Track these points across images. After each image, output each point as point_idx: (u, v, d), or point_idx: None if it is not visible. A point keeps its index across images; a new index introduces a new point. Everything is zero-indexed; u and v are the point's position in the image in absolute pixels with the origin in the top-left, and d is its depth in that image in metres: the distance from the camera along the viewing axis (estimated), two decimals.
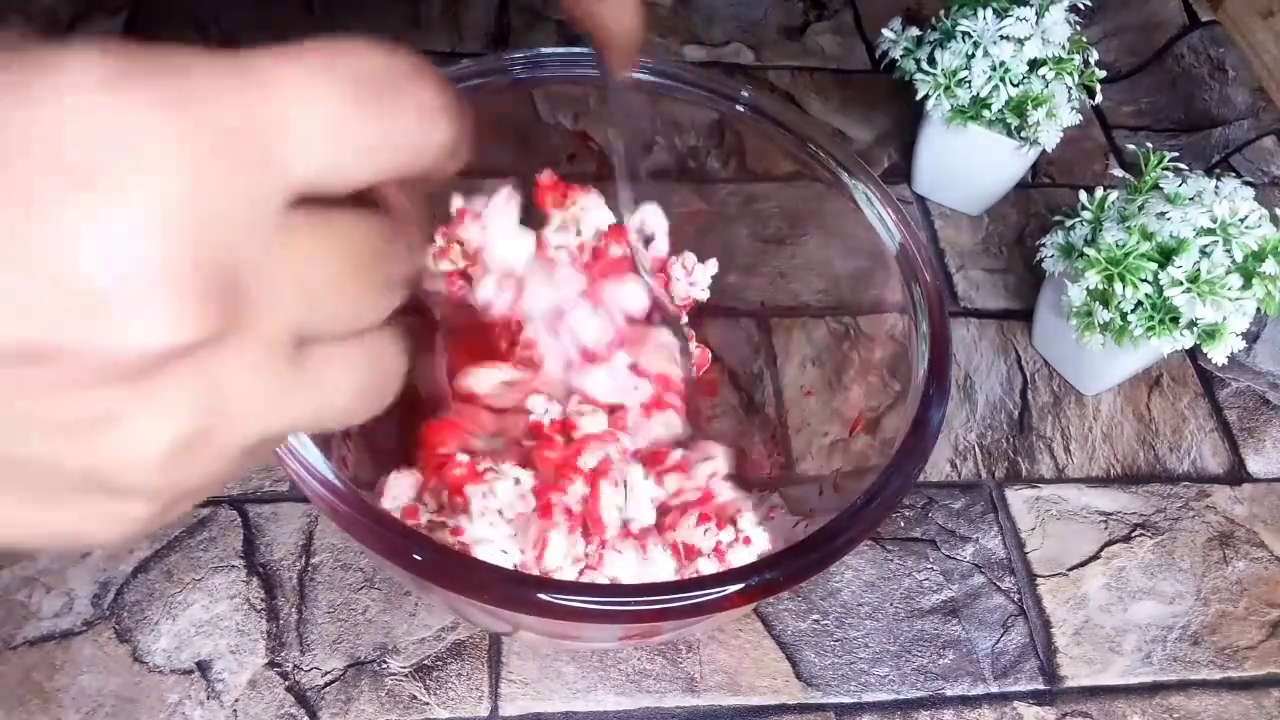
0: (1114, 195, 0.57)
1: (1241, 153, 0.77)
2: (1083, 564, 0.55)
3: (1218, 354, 0.53)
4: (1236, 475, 0.60)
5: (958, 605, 0.52)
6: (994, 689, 0.49)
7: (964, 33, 0.62)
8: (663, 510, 0.45)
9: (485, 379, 0.47)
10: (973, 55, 0.61)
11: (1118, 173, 0.61)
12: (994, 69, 0.61)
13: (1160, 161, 0.56)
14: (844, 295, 0.52)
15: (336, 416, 0.17)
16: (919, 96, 0.63)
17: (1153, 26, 0.84)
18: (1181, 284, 0.51)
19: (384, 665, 0.47)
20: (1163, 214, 0.53)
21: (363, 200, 0.16)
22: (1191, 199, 0.54)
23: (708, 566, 0.43)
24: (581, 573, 0.41)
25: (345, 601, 0.48)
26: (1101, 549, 0.55)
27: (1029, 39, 0.61)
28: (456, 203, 0.48)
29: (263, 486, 0.52)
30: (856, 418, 0.47)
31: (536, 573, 0.40)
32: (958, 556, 0.54)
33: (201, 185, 0.13)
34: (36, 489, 0.15)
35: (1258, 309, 0.53)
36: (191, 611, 0.47)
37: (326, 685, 0.46)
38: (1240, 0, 0.83)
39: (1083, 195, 0.58)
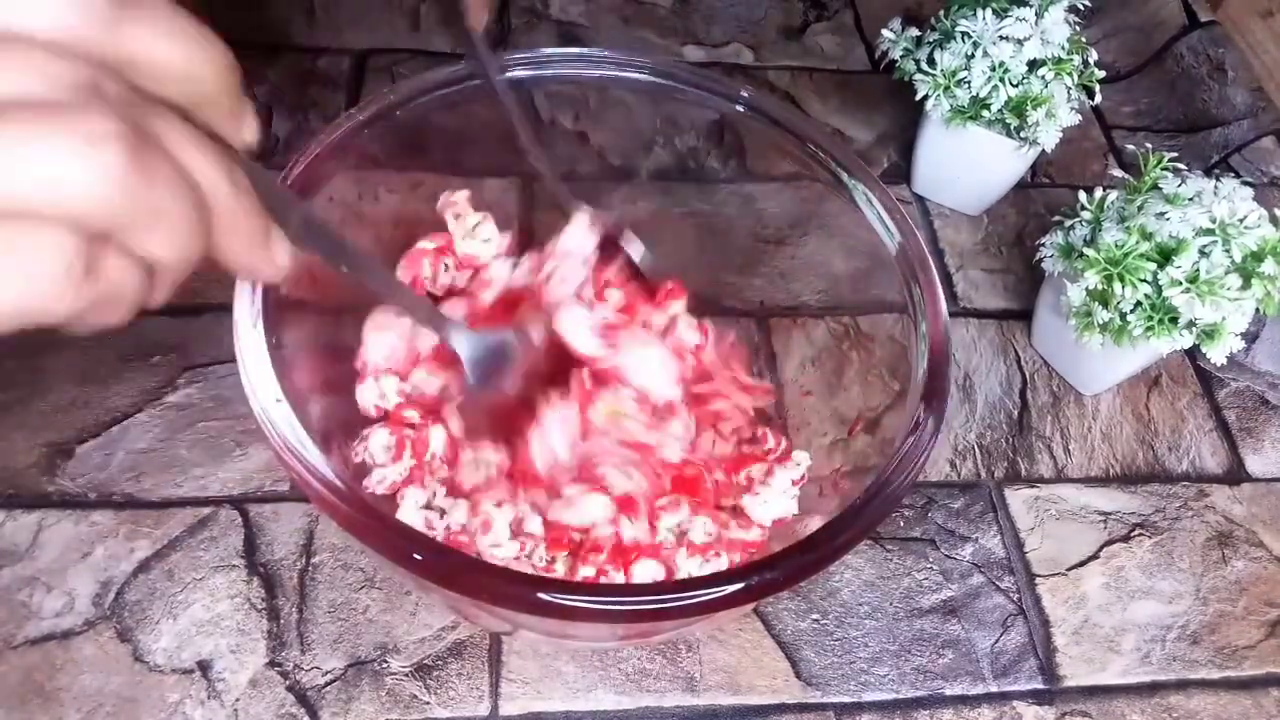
0: (1113, 195, 0.57)
1: (1241, 153, 0.77)
2: (1082, 564, 0.55)
3: (1217, 354, 0.53)
4: (1235, 475, 0.60)
5: (957, 605, 0.52)
6: (993, 688, 0.50)
7: (963, 33, 0.62)
8: None
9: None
10: (972, 56, 0.61)
11: (1117, 173, 0.61)
12: (993, 69, 0.61)
13: (1159, 162, 0.56)
14: (844, 295, 0.52)
15: None
16: (918, 97, 0.64)
17: (1152, 27, 0.84)
18: (1180, 284, 0.51)
19: (384, 665, 0.47)
20: (1162, 214, 0.53)
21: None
22: (1191, 199, 0.54)
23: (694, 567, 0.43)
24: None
25: (346, 601, 0.48)
26: (1101, 549, 0.55)
27: (1028, 39, 0.61)
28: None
29: (263, 486, 0.52)
30: (856, 418, 0.47)
31: None
32: (957, 556, 0.54)
33: None
34: None
35: (1256, 309, 0.53)
36: (192, 611, 0.47)
37: (327, 685, 0.46)
38: (1240, 0, 0.83)
39: (1082, 195, 0.58)
